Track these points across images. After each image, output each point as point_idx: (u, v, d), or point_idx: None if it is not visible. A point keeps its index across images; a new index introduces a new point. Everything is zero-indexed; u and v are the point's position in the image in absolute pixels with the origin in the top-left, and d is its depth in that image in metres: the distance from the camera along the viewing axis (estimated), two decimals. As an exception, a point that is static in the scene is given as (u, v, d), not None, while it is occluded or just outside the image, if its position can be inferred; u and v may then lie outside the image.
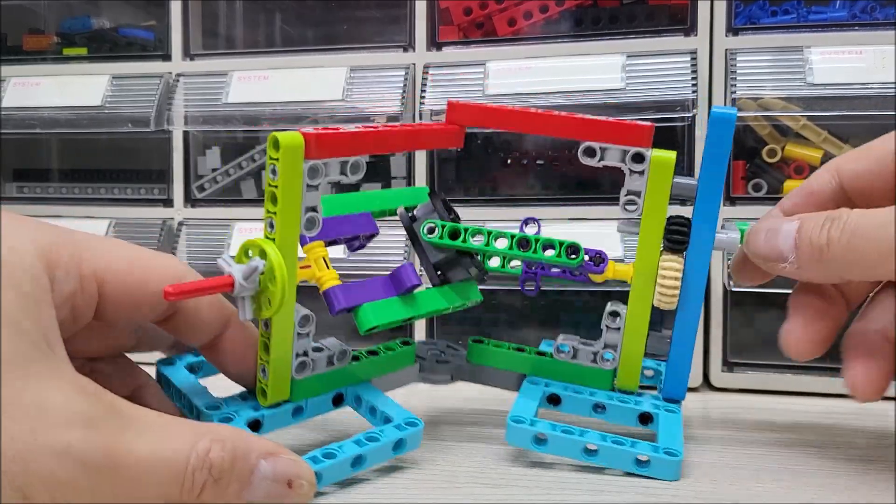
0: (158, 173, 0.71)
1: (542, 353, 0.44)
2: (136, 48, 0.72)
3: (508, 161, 0.66)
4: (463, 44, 0.64)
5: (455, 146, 0.44)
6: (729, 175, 0.58)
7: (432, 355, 0.45)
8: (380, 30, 0.68)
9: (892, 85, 0.54)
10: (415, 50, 0.64)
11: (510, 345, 0.45)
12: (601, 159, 0.41)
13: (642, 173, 0.40)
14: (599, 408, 0.42)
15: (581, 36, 0.62)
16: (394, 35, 0.66)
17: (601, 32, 0.62)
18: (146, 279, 0.33)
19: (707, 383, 0.58)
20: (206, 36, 0.71)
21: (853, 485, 0.37)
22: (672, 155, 0.40)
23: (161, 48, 0.70)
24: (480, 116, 0.43)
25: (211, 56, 0.69)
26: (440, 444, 0.42)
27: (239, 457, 0.30)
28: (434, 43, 0.64)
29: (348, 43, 0.67)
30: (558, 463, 0.40)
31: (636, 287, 0.41)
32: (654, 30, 0.60)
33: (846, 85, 0.55)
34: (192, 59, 0.69)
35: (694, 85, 0.57)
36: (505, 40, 0.63)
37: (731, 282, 0.47)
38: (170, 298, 0.30)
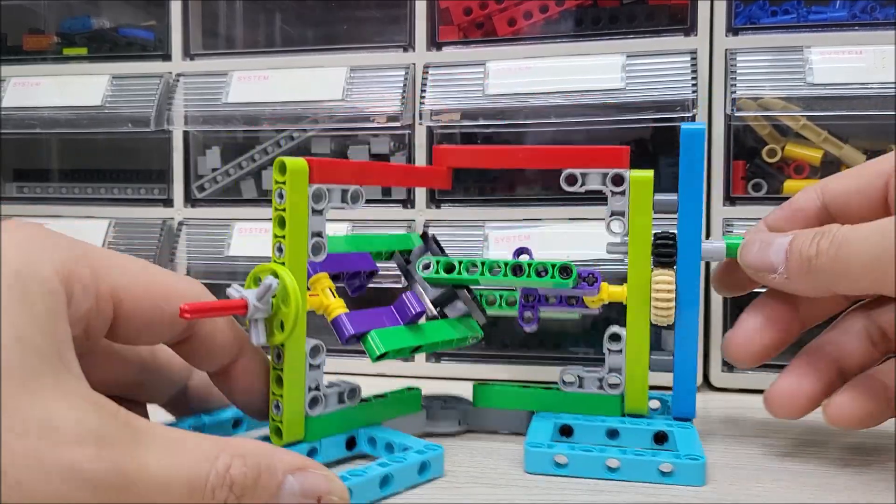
0: (158, 173, 0.71)
1: (548, 387, 0.44)
2: (136, 48, 0.72)
3: (508, 161, 0.66)
4: (463, 44, 0.64)
5: (444, 187, 0.47)
6: (729, 175, 0.58)
7: (436, 403, 0.45)
8: (380, 30, 0.68)
9: (892, 85, 0.54)
10: (415, 50, 0.64)
11: (514, 382, 0.45)
12: (583, 184, 0.43)
13: (623, 193, 0.42)
14: (612, 434, 0.42)
15: (581, 36, 0.62)
16: (394, 35, 0.66)
17: (601, 32, 0.62)
18: (163, 300, 0.33)
19: (707, 383, 0.58)
20: (206, 36, 0.71)
21: (852, 485, 0.37)
22: (650, 173, 0.42)
23: (161, 48, 0.70)
24: (465, 158, 0.47)
25: (211, 56, 0.69)
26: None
27: (263, 472, 0.28)
28: (434, 43, 0.64)
29: (348, 43, 0.67)
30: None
31: (632, 306, 0.42)
32: (654, 30, 0.60)
33: (846, 85, 0.55)
34: (192, 59, 0.69)
35: (694, 85, 0.57)
36: (505, 40, 0.63)
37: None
38: (185, 317, 0.30)
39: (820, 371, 0.40)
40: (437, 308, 0.44)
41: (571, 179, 0.43)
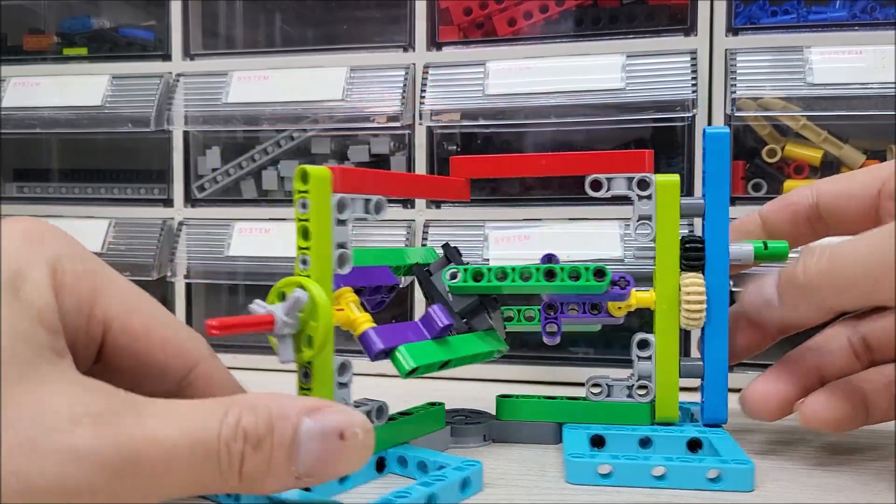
0: (158, 173, 0.71)
1: (574, 399, 0.43)
2: (136, 48, 0.72)
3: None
4: (463, 44, 0.64)
5: (463, 198, 0.46)
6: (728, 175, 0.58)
7: (459, 419, 0.44)
8: (380, 30, 0.68)
9: (892, 85, 0.54)
10: (415, 50, 0.64)
11: (539, 396, 0.44)
12: (608, 189, 0.42)
13: (650, 197, 0.41)
14: (645, 442, 0.41)
15: (581, 36, 0.62)
16: (394, 35, 0.66)
17: (601, 32, 0.62)
18: (158, 343, 0.31)
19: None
20: (206, 36, 0.71)
21: (852, 485, 0.37)
22: (676, 177, 0.42)
23: (161, 48, 0.70)
24: (485, 168, 0.45)
25: (211, 56, 0.69)
26: (440, 445, 0.42)
27: (276, 420, 0.27)
28: (434, 43, 0.64)
29: (348, 43, 0.67)
30: (555, 463, 0.40)
31: (661, 312, 0.41)
32: (654, 30, 0.60)
33: (846, 85, 0.55)
34: (192, 59, 0.69)
35: (694, 85, 0.57)
36: (505, 40, 0.63)
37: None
38: (213, 333, 0.29)
39: (799, 376, 0.40)
40: (464, 320, 0.42)
41: (597, 185, 0.42)
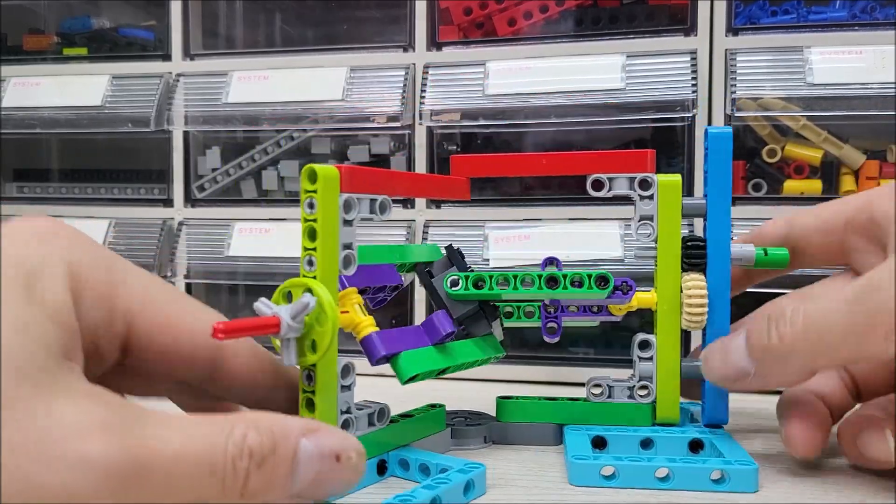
0: (158, 173, 0.71)
1: (575, 400, 0.43)
2: (136, 48, 0.72)
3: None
4: (463, 44, 0.64)
5: (463, 197, 0.45)
6: (729, 175, 0.58)
7: (459, 421, 0.44)
8: (380, 30, 0.68)
9: (892, 85, 0.54)
10: (415, 50, 0.64)
11: (540, 397, 0.44)
12: (610, 189, 0.42)
13: (652, 197, 0.41)
14: (646, 443, 0.41)
15: (581, 36, 0.62)
16: (394, 35, 0.66)
17: (601, 32, 0.62)
18: (185, 332, 0.30)
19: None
20: (206, 36, 0.71)
21: (853, 485, 0.37)
22: (678, 177, 0.41)
23: (161, 48, 0.70)
24: (485, 167, 0.45)
25: (211, 56, 0.69)
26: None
27: (278, 438, 0.27)
28: (434, 43, 0.64)
29: (348, 43, 0.67)
30: (556, 464, 0.40)
31: (662, 312, 0.41)
32: (654, 30, 0.60)
33: (846, 85, 0.55)
34: (192, 59, 0.69)
35: (694, 85, 0.57)
36: (505, 40, 0.63)
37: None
38: (218, 336, 0.29)
39: (822, 420, 0.40)
40: (462, 327, 0.42)
41: (598, 185, 0.42)
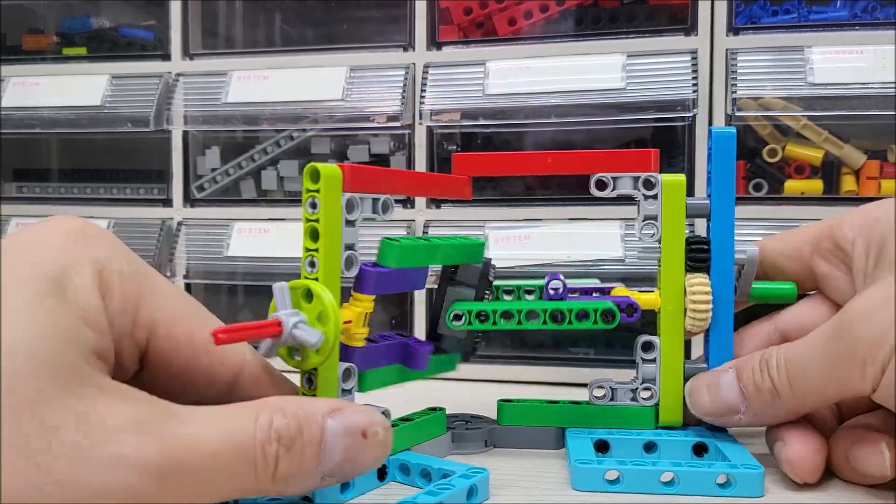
0: (158, 173, 0.71)
1: (577, 403, 0.43)
2: (136, 48, 0.72)
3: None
4: (463, 43, 0.64)
5: (464, 196, 0.44)
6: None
7: (459, 424, 0.43)
8: (380, 29, 0.68)
9: (893, 85, 0.54)
10: (415, 49, 0.64)
11: (541, 400, 0.44)
12: (614, 189, 0.41)
13: (656, 197, 0.41)
14: (650, 447, 0.40)
15: (581, 35, 0.62)
16: (394, 35, 0.66)
17: (601, 32, 0.61)
18: (204, 347, 0.30)
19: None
20: (206, 35, 0.71)
21: (853, 485, 0.37)
22: (682, 177, 0.41)
23: (160, 48, 0.70)
24: (487, 166, 0.44)
25: (210, 56, 0.69)
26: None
27: (304, 420, 0.28)
28: (434, 42, 0.64)
29: (348, 43, 0.67)
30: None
31: (666, 313, 0.41)
32: (655, 29, 0.60)
33: (847, 85, 0.55)
34: (192, 59, 0.69)
35: (694, 85, 0.57)
36: (505, 40, 0.63)
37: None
38: (219, 342, 0.28)
39: (817, 435, 0.39)
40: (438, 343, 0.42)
41: (602, 184, 0.41)
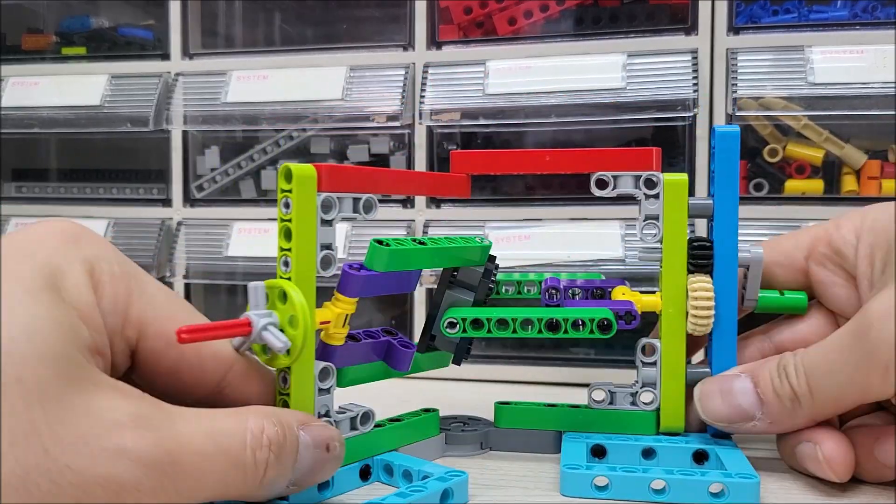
0: (157, 173, 0.71)
1: (576, 406, 0.42)
2: (135, 47, 0.72)
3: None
4: (463, 43, 0.64)
5: (462, 195, 0.43)
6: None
7: (455, 426, 0.43)
8: (379, 29, 0.68)
9: (893, 84, 0.54)
10: (414, 49, 0.64)
11: (539, 403, 0.43)
12: (615, 188, 0.40)
13: (657, 196, 0.40)
14: (648, 453, 0.39)
15: (581, 35, 0.62)
16: (394, 34, 0.65)
17: (602, 31, 0.61)
18: (192, 348, 0.30)
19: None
20: (205, 35, 0.71)
21: (853, 485, 0.37)
22: (684, 176, 0.40)
23: (160, 47, 0.70)
24: (486, 163, 0.42)
25: (210, 55, 0.69)
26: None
27: (287, 429, 0.29)
28: (434, 42, 0.63)
29: (348, 42, 0.67)
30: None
31: (667, 316, 0.40)
32: (655, 29, 0.60)
33: (847, 84, 0.55)
34: (191, 59, 0.69)
35: (695, 84, 0.57)
36: (505, 39, 0.63)
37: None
38: (183, 342, 0.28)
39: (839, 430, 0.38)
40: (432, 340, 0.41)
41: (602, 183, 0.40)
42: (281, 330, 0.32)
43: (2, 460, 0.23)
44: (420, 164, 0.63)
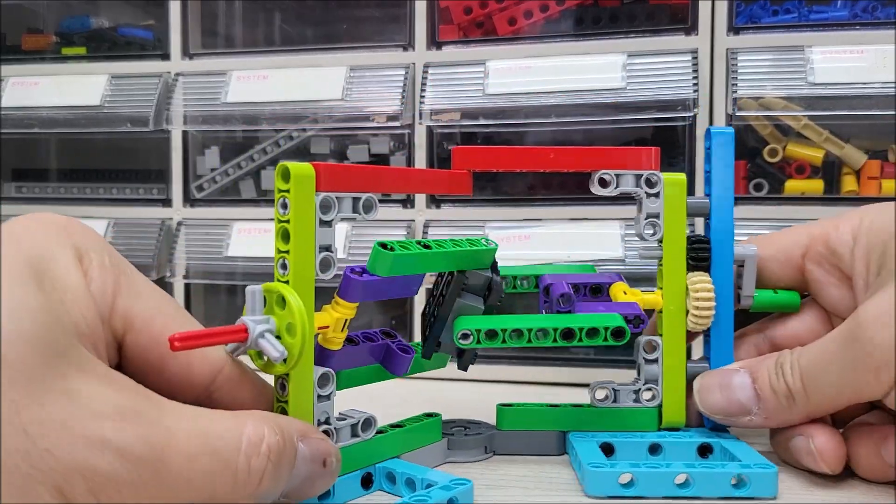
0: (157, 173, 0.71)
1: (578, 406, 0.42)
2: (135, 47, 0.72)
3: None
4: (463, 43, 0.64)
5: (464, 192, 0.42)
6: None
7: (458, 431, 0.42)
8: (379, 29, 0.68)
9: (893, 84, 0.54)
10: (414, 49, 0.64)
11: (541, 404, 0.43)
12: (617, 186, 0.41)
13: (658, 195, 0.41)
14: (654, 449, 0.40)
15: (581, 35, 0.62)
16: (394, 34, 0.65)
17: (602, 31, 0.61)
18: (181, 352, 0.29)
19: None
20: (205, 35, 0.71)
21: (853, 485, 0.37)
22: (682, 176, 0.41)
23: (160, 47, 0.70)
24: (489, 160, 0.42)
25: (210, 55, 0.69)
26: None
27: (287, 439, 0.28)
28: (434, 42, 0.63)
29: (348, 42, 0.67)
30: (542, 462, 0.40)
31: (668, 313, 0.41)
32: (655, 29, 0.60)
33: (847, 84, 0.55)
34: (191, 59, 0.69)
35: (695, 84, 0.57)
36: (505, 39, 0.63)
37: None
38: (175, 349, 0.28)
39: (831, 426, 0.39)
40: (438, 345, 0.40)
41: (604, 182, 0.41)
42: (278, 337, 0.31)
43: None
44: (420, 164, 0.63)
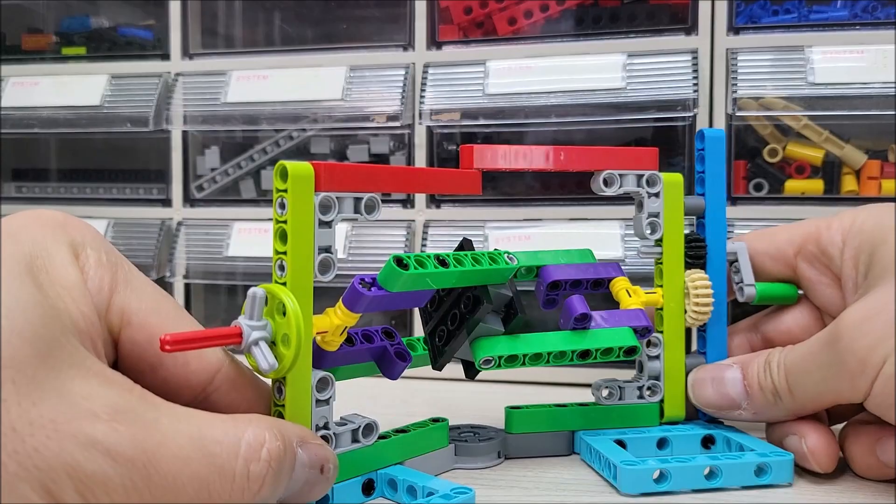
0: (157, 173, 0.71)
1: (584, 405, 0.43)
2: (135, 47, 0.72)
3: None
4: (463, 43, 0.64)
5: (473, 192, 0.40)
6: (730, 175, 0.58)
7: (464, 437, 0.41)
8: (379, 29, 0.67)
9: (893, 84, 0.54)
10: (414, 49, 0.64)
11: (549, 405, 0.43)
12: (620, 186, 0.41)
13: (658, 195, 0.42)
14: (661, 443, 0.41)
15: (581, 35, 0.62)
16: (393, 34, 0.65)
17: (602, 31, 0.61)
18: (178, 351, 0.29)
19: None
20: (205, 35, 0.71)
21: (853, 485, 0.37)
22: (679, 176, 0.42)
23: (160, 47, 0.70)
24: (497, 159, 0.41)
25: (210, 55, 0.69)
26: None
27: (287, 444, 0.28)
28: (434, 42, 0.63)
29: (348, 42, 0.67)
30: (555, 464, 0.40)
31: (668, 310, 0.42)
32: (655, 29, 0.60)
33: (847, 84, 0.55)
34: (191, 59, 0.69)
35: (695, 84, 0.57)
36: (505, 39, 0.63)
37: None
38: (165, 349, 0.27)
39: (824, 425, 0.40)
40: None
41: (608, 182, 0.41)
42: (273, 343, 0.30)
43: None
44: (420, 164, 0.63)
